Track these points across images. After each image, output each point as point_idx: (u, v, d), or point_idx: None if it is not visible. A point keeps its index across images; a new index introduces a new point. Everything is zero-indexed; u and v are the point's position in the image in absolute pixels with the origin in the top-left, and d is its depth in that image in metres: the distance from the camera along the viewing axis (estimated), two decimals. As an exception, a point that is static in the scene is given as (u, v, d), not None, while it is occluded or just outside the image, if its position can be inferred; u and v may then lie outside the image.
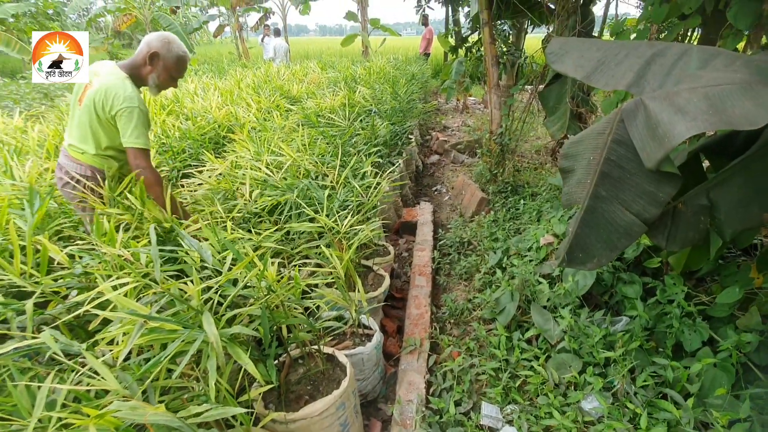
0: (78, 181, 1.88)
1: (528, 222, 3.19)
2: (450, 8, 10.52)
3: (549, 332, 1.99)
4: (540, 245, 2.52)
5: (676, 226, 1.51)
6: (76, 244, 1.67)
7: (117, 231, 1.50)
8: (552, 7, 4.60)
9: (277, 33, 10.31)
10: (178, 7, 12.64)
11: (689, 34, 2.96)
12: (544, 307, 2.13)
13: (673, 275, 1.91)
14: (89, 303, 1.12)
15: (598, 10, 5.33)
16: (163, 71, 1.86)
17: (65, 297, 1.47)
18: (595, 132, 1.44)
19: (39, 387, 0.96)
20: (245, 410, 1.10)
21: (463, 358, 2.10)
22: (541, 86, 4.00)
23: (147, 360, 1.18)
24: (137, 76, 1.87)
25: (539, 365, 1.87)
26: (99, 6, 11.81)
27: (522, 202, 3.52)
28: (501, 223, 3.31)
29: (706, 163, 1.83)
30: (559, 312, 2.01)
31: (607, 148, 1.38)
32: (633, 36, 2.85)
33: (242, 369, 1.21)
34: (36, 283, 1.38)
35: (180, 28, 11.66)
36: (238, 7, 13.01)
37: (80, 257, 1.48)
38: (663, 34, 3.06)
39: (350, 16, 13.28)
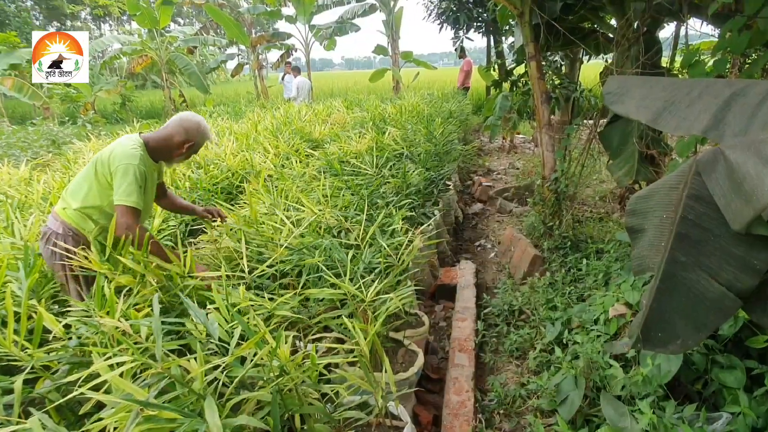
0: (50, 237, 2.07)
1: (593, 286, 3.09)
2: (492, 39, 10.95)
3: (626, 431, 1.86)
4: (609, 317, 2.43)
5: (780, 299, 1.43)
6: (71, 309, 1.77)
7: (118, 296, 1.59)
8: (611, 36, 4.74)
9: (296, 71, 11.07)
10: (195, 47, 13.94)
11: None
12: (618, 398, 2.01)
13: (785, 359, 1.78)
14: (82, 384, 1.17)
15: (666, 32, 5.40)
16: (188, 155, 2.23)
17: (55, 372, 1.54)
18: (666, 186, 1.43)
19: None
20: None
21: (517, 461, 1.98)
22: (603, 120, 4.03)
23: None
24: (161, 152, 2.16)
25: (615, 475, 1.74)
26: (115, 48, 13.20)
27: (585, 261, 3.43)
28: (559, 287, 3.22)
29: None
30: (638, 405, 1.88)
31: (683, 206, 1.36)
32: (709, 64, 2.84)
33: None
34: (28, 355, 1.46)
35: (197, 68, 12.80)
36: (258, 45, 14.18)
37: (77, 327, 1.56)
38: (747, 64, 3.07)
39: (379, 50, 14.14)
